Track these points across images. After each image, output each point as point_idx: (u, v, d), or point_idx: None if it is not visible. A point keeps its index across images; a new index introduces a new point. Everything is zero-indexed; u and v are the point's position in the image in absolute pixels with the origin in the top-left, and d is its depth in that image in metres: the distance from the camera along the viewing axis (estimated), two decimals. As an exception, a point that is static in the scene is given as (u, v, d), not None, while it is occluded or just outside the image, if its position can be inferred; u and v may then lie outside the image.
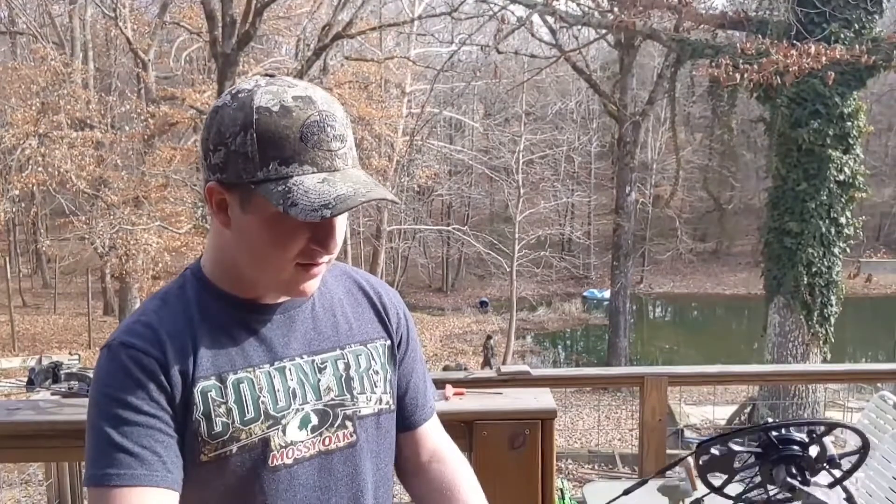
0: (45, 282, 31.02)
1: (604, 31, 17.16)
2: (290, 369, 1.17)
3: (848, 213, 12.01)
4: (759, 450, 1.21)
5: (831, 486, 1.20)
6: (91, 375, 2.17)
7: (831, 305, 11.99)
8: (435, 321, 27.51)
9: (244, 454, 1.13)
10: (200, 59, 24.94)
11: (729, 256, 35.78)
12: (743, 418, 11.71)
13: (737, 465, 1.24)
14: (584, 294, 31.57)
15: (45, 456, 3.11)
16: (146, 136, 19.81)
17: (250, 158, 1.07)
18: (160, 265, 17.00)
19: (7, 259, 26.39)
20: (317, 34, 16.96)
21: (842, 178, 11.74)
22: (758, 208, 25.49)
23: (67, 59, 19.48)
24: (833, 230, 11.83)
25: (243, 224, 1.11)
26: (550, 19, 15.63)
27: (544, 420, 1.78)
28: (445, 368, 17.05)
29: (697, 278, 34.00)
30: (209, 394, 1.12)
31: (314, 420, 1.18)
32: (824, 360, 11.87)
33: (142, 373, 1.10)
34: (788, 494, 1.20)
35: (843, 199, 11.87)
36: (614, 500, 1.53)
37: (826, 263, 11.86)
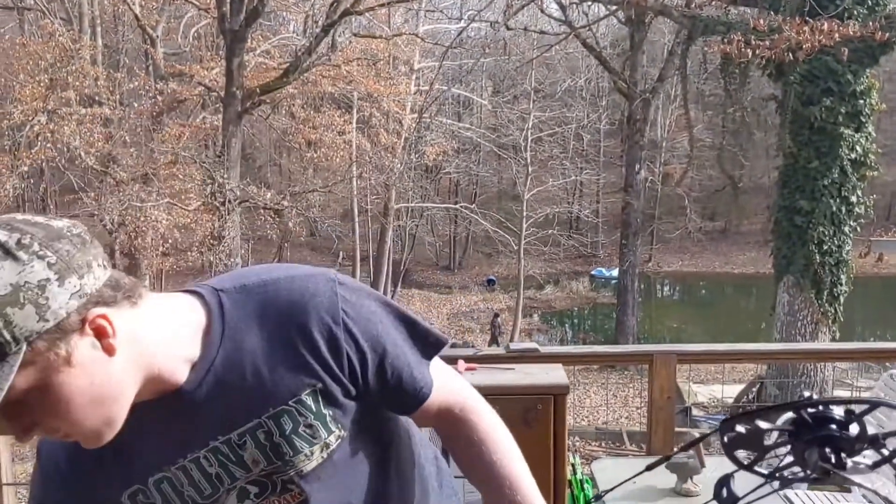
0: (54, 258, 31.14)
1: (614, 8, 17.01)
2: (205, 457, 1.08)
3: (859, 192, 11.95)
4: (790, 428, 1.16)
5: (875, 465, 1.14)
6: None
7: (841, 284, 11.95)
8: (442, 299, 27.56)
9: None
10: (209, 36, 24.83)
11: (738, 235, 35.67)
12: (751, 397, 11.73)
13: (768, 441, 1.18)
14: (592, 272, 31.56)
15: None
16: (154, 113, 19.82)
17: None
18: (169, 242, 17.05)
19: (17, 235, 26.45)
20: (325, 10, 16.87)
21: (853, 156, 11.67)
22: (767, 187, 25.36)
23: (75, 35, 19.40)
24: (844, 209, 11.77)
25: None
26: (560, -5, 15.51)
27: (556, 395, 1.79)
28: (453, 346, 17.07)
29: (706, 257, 33.92)
30: (137, 497, 1.10)
31: (253, 489, 1.11)
32: (833, 339, 11.85)
33: (52, 483, 1.14)
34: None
35: (854, 178, 11.80)
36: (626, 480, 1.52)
37: (836, 242, 11.81)
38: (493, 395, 1.43)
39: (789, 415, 1.17)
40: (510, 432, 1.31)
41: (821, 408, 1.13)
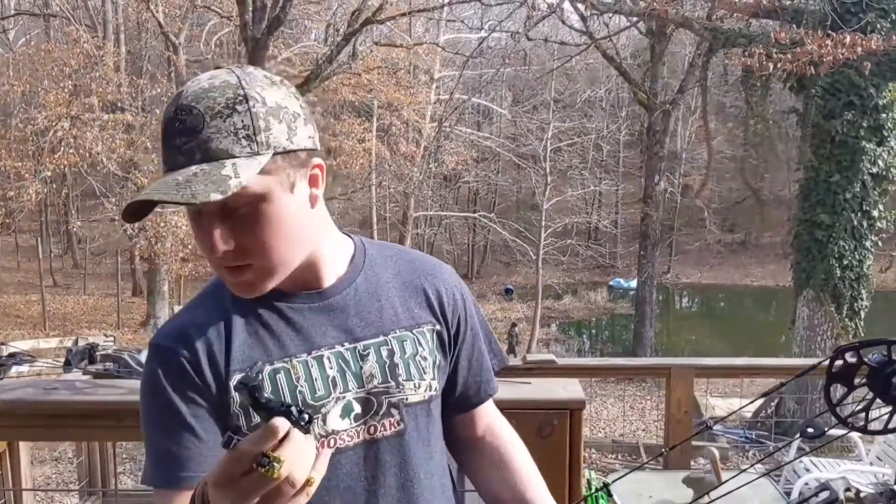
0: (75, 262, 31.43)
1: (635, 19, 17.00)
2: (328, 357, 1.15)
3: (881, 206, 11.84)
4: (875, 365, 1.21)
5: None
6: (125, 357, 2.21)
7: (861, 299, 11.85)
8: (460, 308, 27.49)
9: None
10: (230, 44, 25.05)
11: (758, 247, 35.44)
12: (769, 411, 11.63)
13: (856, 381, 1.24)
14: (611, 283, 31.43)
15: (81, 435, 3.17)
16: (176, 120, 19.94)
17: None
18: (189, 247, 17.17)
19: (39, 239, 26.75)
20: (346, 19, 16.96)
21: (875, 170, 11.58)
22: (788, 199, 25.20)
23: (99, 41, 19.64)
24: (865, 223, 11.67)
25: None
26: (581, 6, 15.51)
27: (573, 410, 1.80)
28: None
29: (725, 269, 33.72)
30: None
31: (357, 408, 1.16)
32: (853, 355, 11.74)
33: (174, 374, 1.12)
34: (891, 409, 1.20)
35: (875, 192, 11.71)
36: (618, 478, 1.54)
37: (857, 256, 11.72)
38: (508, 409, 1.44)
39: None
40: (526, 447, 1.34)
41: None
